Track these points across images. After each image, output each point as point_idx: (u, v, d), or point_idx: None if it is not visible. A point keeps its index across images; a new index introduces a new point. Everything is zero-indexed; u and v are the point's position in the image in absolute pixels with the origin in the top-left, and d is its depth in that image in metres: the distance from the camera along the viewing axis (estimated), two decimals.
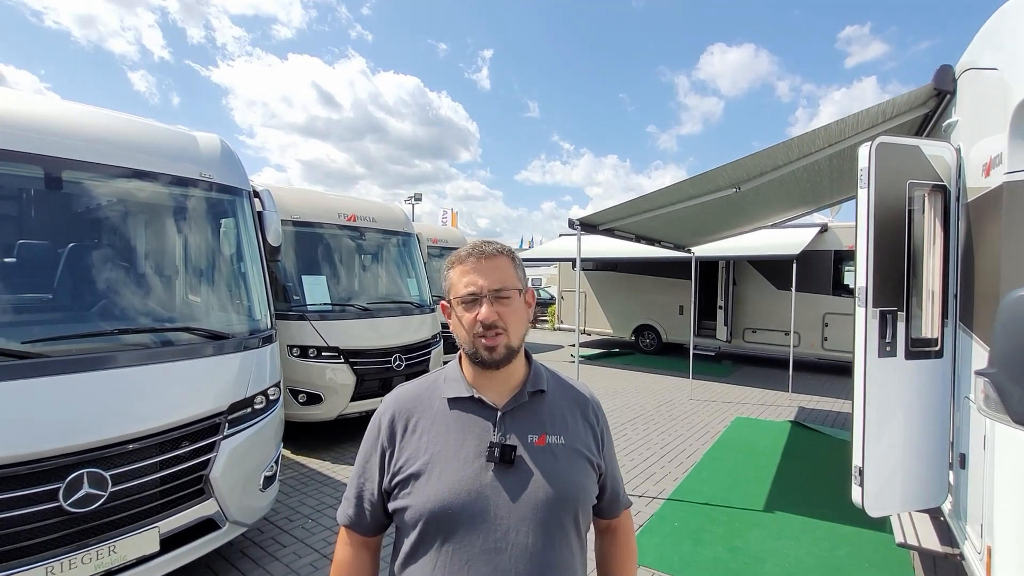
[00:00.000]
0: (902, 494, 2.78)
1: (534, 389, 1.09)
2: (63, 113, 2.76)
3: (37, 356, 2.30)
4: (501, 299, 1.02)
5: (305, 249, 5.91)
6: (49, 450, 2.18)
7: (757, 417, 6.81)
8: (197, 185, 3.24)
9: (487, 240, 1.10)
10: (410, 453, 1.03)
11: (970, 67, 2.71)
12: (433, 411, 1.06)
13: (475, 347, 1.03)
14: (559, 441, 1.06)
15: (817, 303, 9.74)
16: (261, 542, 3.50)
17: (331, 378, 5.40)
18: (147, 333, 2.78)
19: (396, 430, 1.06)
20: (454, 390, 1.07)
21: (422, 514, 0.97)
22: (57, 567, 2.16)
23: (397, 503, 1.02)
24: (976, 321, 2.50)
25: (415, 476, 1.00)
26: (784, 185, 4.67)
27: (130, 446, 2.41)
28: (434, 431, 1.04)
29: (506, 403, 1.06)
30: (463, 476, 0.98)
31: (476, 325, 1.01)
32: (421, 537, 0.98)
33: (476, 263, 1.04)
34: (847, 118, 3.35)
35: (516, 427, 1.04)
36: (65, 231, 2.79)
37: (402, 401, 1.10)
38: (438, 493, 0.97)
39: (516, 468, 1.00)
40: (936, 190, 2.79)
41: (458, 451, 1.01)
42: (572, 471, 1.05)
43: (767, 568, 3.22)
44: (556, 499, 1.00)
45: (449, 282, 1.08)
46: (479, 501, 0.97)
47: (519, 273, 1.08)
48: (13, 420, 2.14)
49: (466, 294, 1.02)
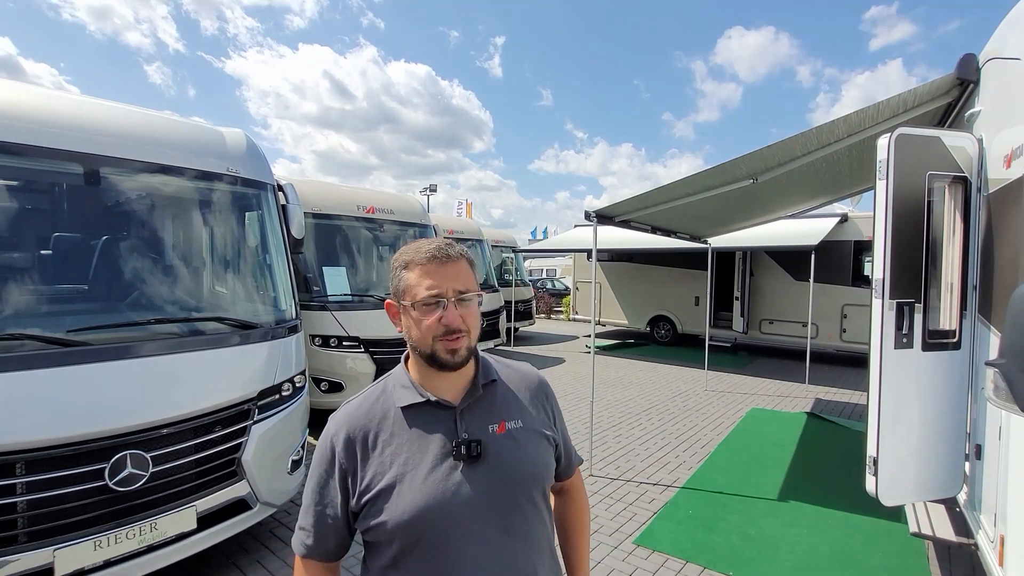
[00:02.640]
0: (916, 484, 2.80)
1: (486, 380, 1.11)
2: (99, 111, 2.88)
3: (82, 344, 2.44)
4: (464, 302, 1.02)
5: (325, 241, 6.05)
6: (95, 432, 2.31)
7: (773, 408, 6.81)
8: (225, 180, 3.36)
9: (447, 242, 1.07)
10: (375, 470, 1.00)
11: (994, 56, 2.67)
12: (389, 422, 1.04)
13: (433, 349, 1.01)
14: (517, 425, 1.10)
15: (836, 294, 9.62)
16: (288, 523, 3.65)
17: (352, 367, 5.55)
18: (182, 323, 2.92)
19: (355, 450, 1.02)
20: (407, 397, 1.05)
21: (399, 526, 0.96)
22: (104, 541, 2.31)
23: (369, 522, 0.99)
24: (995, 313, 2.50)
25: (385, 491, 0.98)
26: (803, 176, 4.64)
27: (169, 430, 2.55)
28: (395, 443, 1.02)
29: (462, 399, 1.07)
30: (434, 480, 0.99)
31: (438, 328, 1.00)
32: (402, 548, 0.98)
33: (440, 266, 1.02)
34: (867, 108, 3.32)
35: (475, 421, 1.06)
36: (103, 225, 2.92)
37: (354, 419, 1.05)
38: (413, 503, 0.97)
39: (483, 460, 1.02)
40: (957, 181, 2.77)
41: (423, 457, 1.01)
42: (534, 451, 1.10)
43: (780, 555, 3.27)
44: (524, 480, 1.06)
45: (405, 283, 1.03)
46: (455, 500, 0.98)
47: (476, 275, 1.10)
48: (62, 404, 2.28)
49: (428, 296, 1.00)
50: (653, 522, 3.69)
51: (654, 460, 4.94)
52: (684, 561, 3.22)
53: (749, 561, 3.21)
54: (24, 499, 2.15)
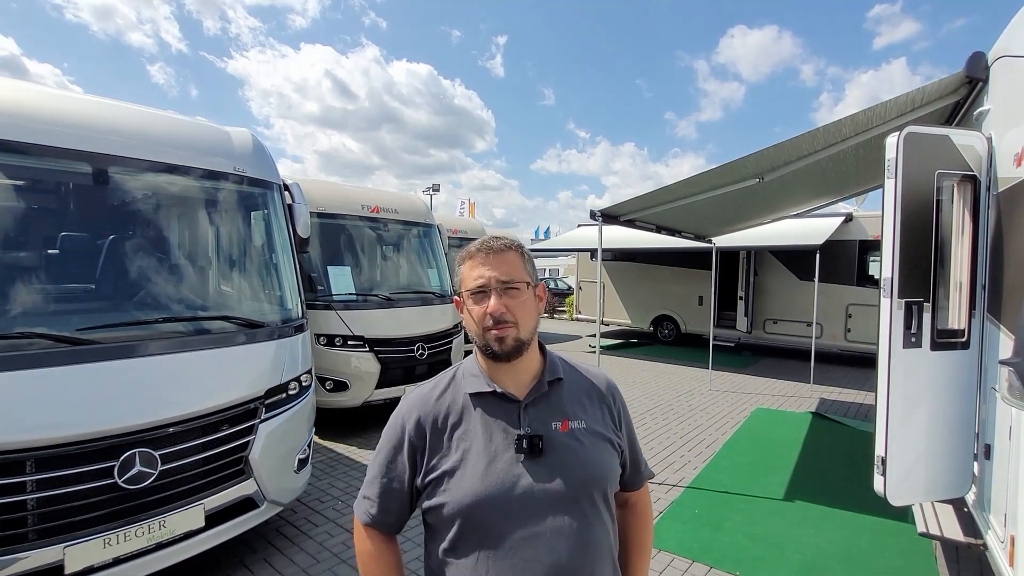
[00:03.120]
0: (925, 484, 2.79)
1: (552, 378, 1.12)
2: (107, 111, 2.89)
3: (91, 343, 2.45)
4: (510, 291, 1.05)
5: (330, 240, 6.05)
6: (104, 431, 2.33)
7: (777, 408, 6.79)
8: (232, 179, 3.36)
9: (497, 236, 1.12)
10: (442, 451, 1.05)
11: (1004, 54, 2.66)
12: (458, 408, 1.09)
13: (485, 340, 1.06)
14: (581, 425, 1.10)
15: (841, 294, 9.59)
16: (295, 522, 3.66)
17: (356, 366, 5.55)
18: (189, 322, 2.92)
19: (425, 430, 1.08)
20: (475, 385, 1.10)
21: (459, 509, 1.00)
22: (113, 538, 2.32)
23: (431, 501, 1.04)
24: (1005, 312, 2.49)
25: (448, 473, 1.03)
26: (809, 174, 4.63)
27: (177, 428, 2.56)
28: (462, 428, 1.07)
29: (527, 394, 1.09)
30: (495, 469, 1.02)
31: (486, 318, 1.04)
32: (460, 532, 1.01)
33: (485, 257, 1.07)
34: (875, 107, 3.31)
35: (539, 417, 1.08)
36: (111, 224, 2.93)
37: (426, 402, 1.11)
38: (473, 487, 1.00)
39: (544, 456, 1.04)
40: (966, 180, 2.76)
41: (487, 445, 1.04)
42: (596, 453, 1.09)
43: (786, 555, 3.27)
44: (585, 481, 1.05)
45: (460, 277, 1.11)
46: (513, 491, 1.01)
47: (528, 267, 1.10)
48: (71, 403, 2.29)
49: (475, 287, 1.06)
50: (659, 521, 3.69)
51: (659, 460, 4.93)
52: (690, 560, 3.22)
53: (755, 561, 3.20)
54: (34, 497, 2.16)
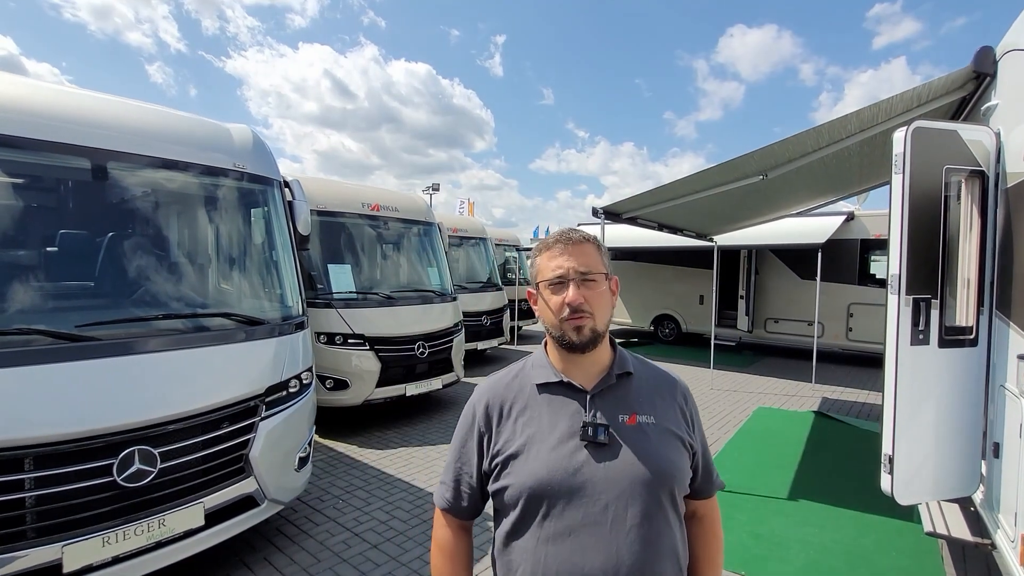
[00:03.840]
0: (933, 483, 2.76)
1: (621, 371, 1.11)
2: (107, 107, 2.86)
3: (90, 340, 2.42)
4: (587, 282, 1.06)
5: (330, 238, 6.02)
6: (103, 428, 2.30)
7: (780, 407, 6.77)
8: (232, 176, 3.33)
9: (572, 228, 1.14)
10: (507, 436, 1.07)
11: (1012, 48, 2.64)
12: (525, 396, 1.10)
13: (562, 330, 1.06)
14: (650, 420, 1.08)
15: (842, 293, 9.56)
16: (295, 520, 3.63)
17: (357, 364, 5.52)
18: (189, 319, 2.89)
19: (492, 416, 1.11)
20: (542, 376, 1.11)
21: (522, 491, 1.01)
22: (112, 537, 2.29)
23: (497, 484, 1.06)
24: (1015, 309, 2.46)
25: (513, 456, 1.05)
26: (812, 172, 4.60)
27: (177, 425, 2.53)
28: (528, 415, 1.08)
29: (595, 385, 1.09)
30: (559, 455, 1.02)
31: (563, 308, 1.04)
32: (523, 514, 1.02)
33: (563, 248, 1.08)
34: (880, 103, 3.28)
35: (606, 408, 1.07)
36: (112, 220, 2.90)
37: (495, 389, 1.14)
38: (536, 471, 1.01)
39: (609, 447, 1.03)
40: (974, 175, 2.73)
41: (552, 432, 1.05)
42: (664, 449, 1.07)
43: (791, 554, 3.24)
44: (650, 476, 1.02)
45: (536, 268, 1.12)
46: (576, 477, 1.00)
47: (604, 259, 1.12)
48: (71, 400, 2.26)
49: (554, 277, 1.06)
50: None
51: None
52: None
53: (760, 560, 3.18)
54: (32, 495, 2.13)
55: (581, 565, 0.97)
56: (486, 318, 9.65)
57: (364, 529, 3.52)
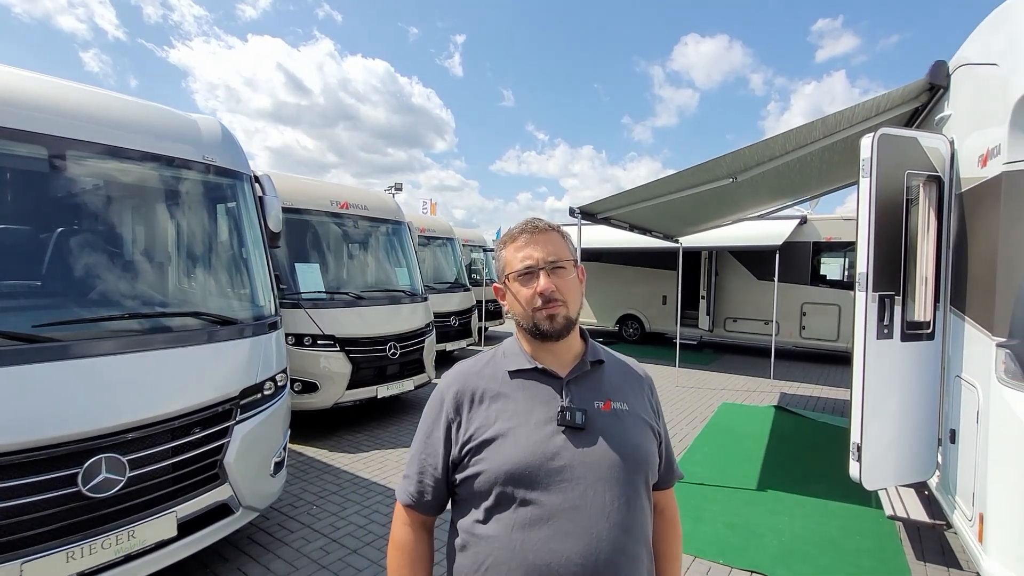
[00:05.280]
0: (896, 469, 2.94)
1: (594, 359, 1.12)
2: (68, 92, 2.66)
3: (48, 340, 2.24)
4: (557, 270, 1.06)
5: (296, 236, 5.82)
6: (67, 435, 2.14)
7: (742, 403, 7.03)
8: (202, 169, 3.17)
9: (536, 217, 1.12)
10: (480, 422, 1.04)
11: (965, 63, 2.84)
12: (498, 383, 1.08)
13: (535, 320, 1.05)
14: (623, 407, 1.09)
15: (795, 293, 10.03)
16: (268, 528, 3.49)
17: (326, 366, 5.36)
18: (159, 318, 2.74)
19: (462, 402, 1.07)
20: (516, 363, 1.09)
21: (498, 477, 0.99)
22: (77, 552, 2.13)
23: (468, 471, 1.03)
24: (969, 304, 2.65)
25: (488, 442, 1.02)
26: (777, 175, 4.81)
27: (147, 431, 2.38)
28: (502, 400, 1.06)
29: (569, 372, 1.09)
30: (537, 439, 1.00)
31: (535, 298, 1.04)
32: (496, 501, 0.99)
33: (530, 238, 1.08)
34: (844, 110, 3.47)
35: (581, 394, 1.07)
36: (68, 213, 2.71)
37: (466, 376, 1.11)
38: (514, 455, 0.99)
39: (587, 432, 1.02)
40: (931, 180, 2.93)
41: (528, 417, 1.03)
42: (638, 435, 1.08)
43: (766, 542, 3.37)
44: (627, 460, 1.03)
45: (503, 260, 1.11)
46: (555, 461, 0.99)
47: (570, 247, 1.11)
48: (30, 405, 2.09)
49: (523, 268, 1.06)
50: None
51: None
52: None
53: (737, 549, 3.28)
54: None
55: (559, 551, 0.95)
56: (454, 319, 9.58)
57: (342, 535, 3.42)
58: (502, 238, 1.13)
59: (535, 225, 1.09)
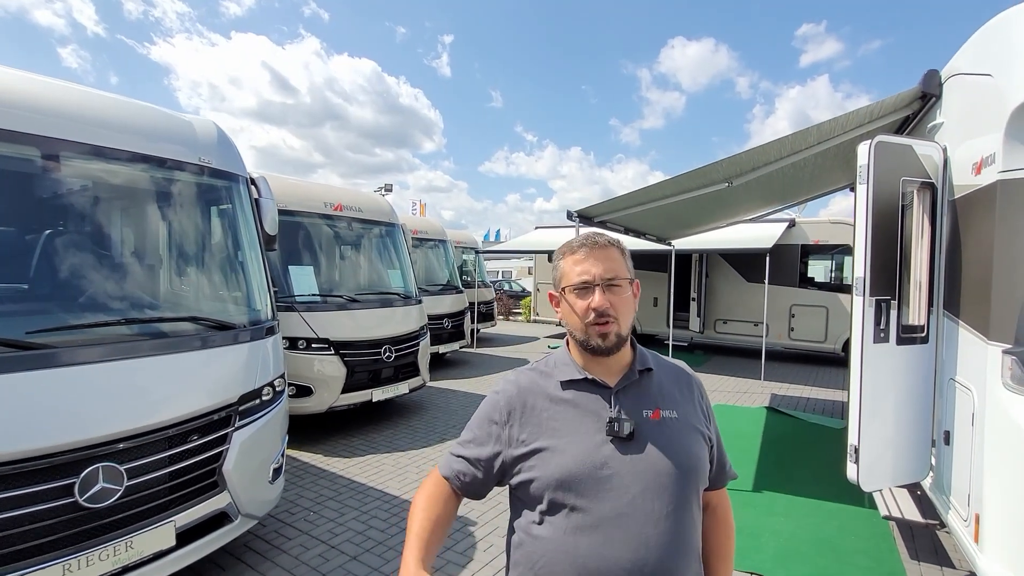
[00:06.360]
0: (892, 470, 2.98)
1: (643, 367, 1.14)
2: (58, 92, 2.61)
3: (43, 347, 2.20)
4: (613, 288, 1.07)
5: (290, 239, 5.76)
6: (63, 444, 2.09)
7: (735, 404, 7.10)
8: (196, 170, 3.13)
9: (597, 232, 1.15)
10: (531, 431, 1.08)
11: (958, 73, 2.90)
12: (549, 393, 1.11)
13: (587, 334, 1.08)
14: (672, 415, 1.11)
15: (784, 295, 10.16)
16: (265, 535, 3.44)
17: (320, 370, 5.31)
18: (157, 323, 2.69)
19: (515, 410, 1.11)
20: (567, 374, 1.12)
21: (549, 484, 1.02)
22: (75, 564, 2.08)
23: (520, 477, 1.07)
24: (963, 308, 2.70)
25: (538, 451, 1.05)
26: (770, 180, 4.87)
27: (146, 439, 2.34)
28: (553, 410, 1.09)
29: (618, 382, 1.11)
30: (586, 448, 1.03)
31: (589, 313, 1.06)
32: (549, 506, 1.03)
33: (589, 252, 1.09)
34: (839, 117, 3.53)
35: (630, 403, 1.09)
36: (62, 216, 2.66)
37: (520, 385, 1.15)
38: (563, 464, 1.02)
39: (635, 441, 1.05)
40: (925, 187, 2.98)
41: (578, 427, 1.06)
42: (688, 443, 1.09)
43: (764, 542, 3.40)
44: (676, 469, 1.04)
45: (561, 271, 1.13)
46: (603, 471, 1.02)
47: (628, 264, 1.13)
48: (25, 413, 2.04)
49: (579, 282, 1.08)
50: None
51: None
52: None
53: (738, 551, 3.24)
54: None
55: (609, 556, 0.98)
56: (447, 321, 9.55)
57: (340, 541, 3.39)
58: (561, 248, 1.14)
59: (595, 240, 1.11)
